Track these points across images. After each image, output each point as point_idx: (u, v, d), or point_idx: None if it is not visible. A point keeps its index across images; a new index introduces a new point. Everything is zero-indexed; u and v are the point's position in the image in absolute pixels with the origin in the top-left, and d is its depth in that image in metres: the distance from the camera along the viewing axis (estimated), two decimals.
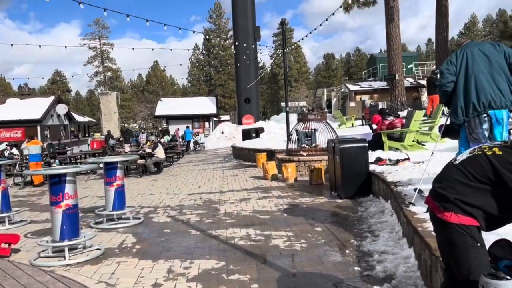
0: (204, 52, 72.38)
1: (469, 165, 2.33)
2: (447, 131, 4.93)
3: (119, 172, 6.70)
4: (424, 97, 27.64)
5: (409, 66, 35.53)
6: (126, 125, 60.10)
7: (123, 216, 6.78)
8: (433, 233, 3.21)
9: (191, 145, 28.71)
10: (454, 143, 8.34)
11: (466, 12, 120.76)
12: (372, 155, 8.33)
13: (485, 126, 4.36)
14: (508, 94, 4.31)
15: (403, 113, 13.93)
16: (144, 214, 7.22)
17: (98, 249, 5.23)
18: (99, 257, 4.97)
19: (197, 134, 31.87)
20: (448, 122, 4.87)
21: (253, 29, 34.03)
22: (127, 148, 16.40)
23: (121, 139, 26.06)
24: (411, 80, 32.51)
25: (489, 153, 2.30)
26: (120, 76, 73.56)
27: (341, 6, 21.45)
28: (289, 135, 12.28)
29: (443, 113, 10.87)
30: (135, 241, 5.63)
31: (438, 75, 4.68)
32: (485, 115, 4.33)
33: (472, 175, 2.28)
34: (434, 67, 26.24)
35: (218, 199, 8.35)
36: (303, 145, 11.80)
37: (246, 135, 22.76)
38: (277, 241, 5.16)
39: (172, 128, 34.42)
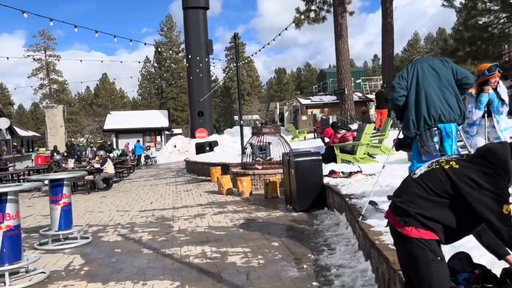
0: (155, 64, 71.41)
1: (428, 179, 2.35)
2: (401, 144, 5.05)
3: (65, 190, 6.34)
4: (372, 110, 28.66)
5: (357, 81, 36.75)
6: (73, 139, 57.82)
7: (70, 236, 6.41)
8: (391, 246, 3.24)
9: (142, 159, 28.00)
10: (404, 155, 8.64)
11: (409, 30, 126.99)
12: (326, 168, 8.43)
13: (436, 139, 4.49)
14: (456, 108, 4.47)
15: (354, 127, 14.30)
16: (92, 233, 6.88)
17: (42, 272, 4.88)
18: (44, 282, 4.64)
19: (148, 148, 31.16)
20: (401, 136, 5.00)
21: (205, 42, 33.99)
22: (70, 163, 15.73)
23: (65, 154, 25.00)
24: (360, 94, 33.64)
25: (446, 166, 2.33)
26: (67, 88, 70.96)
27: (293, 22, 21.87)
28: (243, 148, 12.23)
29: (396, 126, 11.24)
30: (83, 262, 5.32)
31: (390, 95, 4.83)
32: (435, 128, 4.47)
33: (431, 189, 2.30)
34: (381, 82, 27.26)
35: (171, 215, 8.12)
36: (257, 159, 11.78)
37: (200, 148, 22.49)
38: (233, 258, 5.04)
39: (122, 142, 33.47)
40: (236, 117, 53.80)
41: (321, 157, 7.67)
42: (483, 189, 2.18)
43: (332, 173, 8.19)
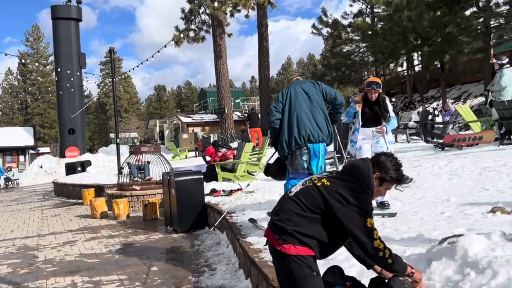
0: (19, 77, 64.91)
1: (302, 196, 2.44)
2: (268, 170, 5.31)
3: None
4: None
5: (236, 101, 37.81)
6: None
7: None
8: (270, 264, 3.29)
9: (2, 182, 24.99)
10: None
11: (285, 54, 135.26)
12: (207, 187, 8.40)
13: (305, 157, 4.77)
14: (325, 129, 4.82)
15: (234, 145, 14.59)
16: None
17: None
18: None
19: (9, 169, 27.93)
20: (271, 161, 5.30)
21: (77, 55, 31.96)
22: None
23: None
24: (239, 114, 34.60)
25: (318, 184, 2.45)
26: None
27: (172, 39, 21.71)
28: (120, 168, 11.61)
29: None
30: None
31: (269, 119, 5.09)
32: (305, 147, 4.76)
33: (306, 206, 2.39)
34: (259, 102, 28.40)
35: (36, 244, 7.30)
36: (135, 179, 11.28)
37: (70, 169, 20.81)
38: (108, 287, 4.68)
39: None
40: (112, 135, 51.29)
41: (202, 176, 7.61)
42: (350, 204, 2.33)
43: (213, 191, 8.18)
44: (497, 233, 2.69)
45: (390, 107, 5.36)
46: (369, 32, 26.37)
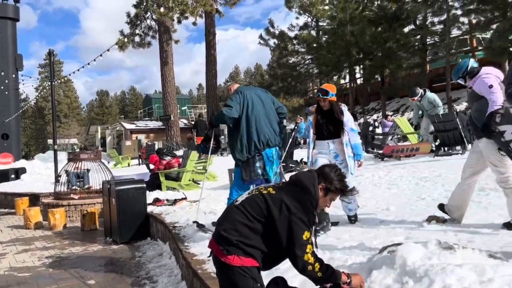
0: None
1: (248, 205, 2.41)
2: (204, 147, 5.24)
3: None
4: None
5: (183, 108, 37.37)
6: None
7: None
8: (213, 275, 3.22)
9: None
10: (228, 181, 8.95)
11: (232, 63, 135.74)
12: (150, 196, 8.18)
13: (258, 164, 4.77)
14: (279, 134, 4.91)
15: (180, 153, 14.35)
16: None
17: None
18: None
19: None
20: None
21: (14, 57, 30.27)
22: None
23: None
24: (185, 121, 34.18)
25: (264, 192, 2.44)
26: None
27: (116, 44, 21.12)
28: (57, 176, 11.04)
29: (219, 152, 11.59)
30: None
31: (223, 109, 4.86)
32: (258, 154, 4.75)
33: (251, 215, 2.36)
34: (206, 110, 28.24)
35: None
36: (74, 187, 10.76)
37: (3, 176, 19.50)
38: None
39: None
40: (50, 141, 48.88)
41: (145, 185, 7.39)
42: (291, 214, 2.33)
43: (156, 201, 7.98)
44: (433, 242, 2.80)
45: (346, 118, 4.77)
46: (314, 45, 27.11)
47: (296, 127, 5.27)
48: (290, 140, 6.40)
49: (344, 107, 4.85)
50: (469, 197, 4.45)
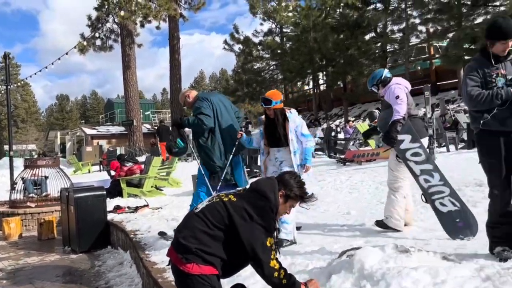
0: None
1: (208, 212, 2.39)
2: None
3: None
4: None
5: (146, 113, 36.80)
6: None
7: None
8: (174, 284, 3.17)
9: None
10: (192, 188, 8.87)
11: (197, 68, 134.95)
12: (111, 203, 7.99)
13: (228, 169, 4.76)
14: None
15: (142, 159, 14.11)
16: None
17: None
18: None
19: None
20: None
21: None
22: None
23: None
24: (149, 126, 33.66)
25: (225, 199, 2.43)
26: None
27: (75, 47, 20.58)
28: (13, 183, 10.60)
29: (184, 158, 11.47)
30: None
31: (201, 118, 4.73)
32: (226, 160, 4.74)
33: (211, 222, 2.35)
34: (169, 115, 27.93)
35: None
36: (31, 195, 10.36)
37: None
38: None
39: None
40: (6, 147, 47.00)
41: (105, 192, 7.20)
42: (253, 221, 2.33)
43: (117, 208, 7.80)
44: (390, 245, 2.87)
45: (295, 123, 4.56)
46: (278, 51, 27.40)
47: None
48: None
49: (291, 113, 4.61)
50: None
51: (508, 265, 2.65)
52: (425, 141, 4.44)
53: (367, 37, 22.95)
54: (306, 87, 30.77)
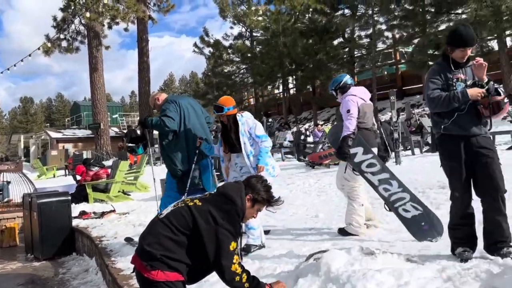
0: None
1: (173, 217, 2.37)
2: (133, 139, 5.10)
3: None
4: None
5: (114, 116, 36.12)
6: None
7: None
8: None
9: None
10: (160, 192, 8.73)
11: (167, 70, 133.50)
12: (76, 209, 7.79)
13: (196, 173, 4.70)
14: (211, 143, 4.86)
15: (109, 163, 13.83)
16: None
17: None
18: None
19: None
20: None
21: None
22: None
23: None
24: (116, 129, 33.03)
25: (190, 204, 2.41)
26: None
27: (38, 48, 20.01)
28: None
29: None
30: None
31: (164, 120, 4.65)
32: (196, 163, 4.67)
33: (176, 228, 2.32)
34: (138, 118, 27.51)
35: None
36: None
37: None
38: None
39: None
40: None
41: (70, 197, 7.02)
42: (218, 224, 2.32)
43: (82, 214, 7.61)
44: (356, 248, 2.91)
45: (248, 126, 4.45)
46: (249, 55, 27.47)
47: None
48: None
49: (242, 116, 4.49)
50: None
51: (469, 265, 2.73)
52: (375, 150, 4.54)
53: (335, 42, 23.34)
54: (276, 91, 30.95)
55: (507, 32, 17.17)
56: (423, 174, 7.14)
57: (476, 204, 3.17)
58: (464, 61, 3.19)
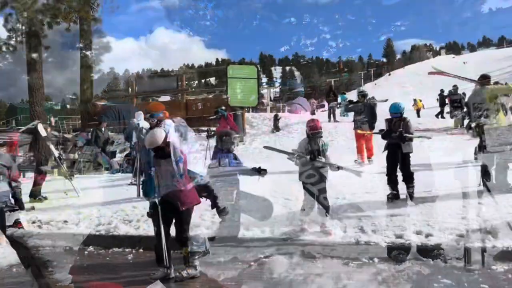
0: None
1: None
2: None
3: None
4: None
5: (53, 119, 34.57)
6: None
7: None
8: None
9: None
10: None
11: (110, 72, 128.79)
12: (11, 217, 7.34)
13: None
14: None
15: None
16: None
17: None
18: None
19: None
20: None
21: None
22: None
23: None
24: (56, 133, 31.55)
25: None
26: None
27: None
28: None
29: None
30: None
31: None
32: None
33: None
34: (79, 121, 26.46)
35: None
36: None
37: None
38: None
39: None
40: None
41: (4, 205, 6.61)
42: None
43: (18, 223, 7.18)
44: (298, 253, 2.99)
45: (175, 135, 4.29)
46: None
47: None
48: None
49: (168, 125, 4.48)
50: None
51: (402, 267, 2.89)
52: None
53: None
54: None
55: None
56: None
57: None
58: None
